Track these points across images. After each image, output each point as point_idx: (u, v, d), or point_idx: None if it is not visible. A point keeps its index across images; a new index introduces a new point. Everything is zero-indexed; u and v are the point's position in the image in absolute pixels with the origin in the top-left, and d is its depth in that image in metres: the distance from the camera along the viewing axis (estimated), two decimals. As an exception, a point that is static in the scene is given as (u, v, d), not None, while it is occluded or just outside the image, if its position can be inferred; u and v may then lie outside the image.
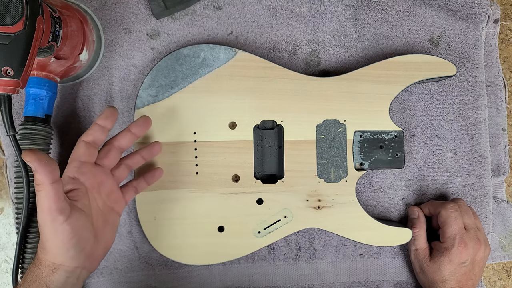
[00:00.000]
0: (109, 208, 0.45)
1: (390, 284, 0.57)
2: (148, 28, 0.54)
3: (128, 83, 0.54)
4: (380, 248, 0.57)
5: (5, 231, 0.57)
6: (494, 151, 0.60)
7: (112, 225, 0.46)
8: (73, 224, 0.39)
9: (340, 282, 0.56)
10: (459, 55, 0.58)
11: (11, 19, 0.36)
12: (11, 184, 0.54)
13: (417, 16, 0.57)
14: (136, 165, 0.48)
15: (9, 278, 0.56)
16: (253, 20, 0.55)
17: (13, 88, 0.38)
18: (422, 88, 0.57)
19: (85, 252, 0.41)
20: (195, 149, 0.51)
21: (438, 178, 0.57)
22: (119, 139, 0.46)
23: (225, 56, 0.51)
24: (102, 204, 0.44)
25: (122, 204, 0.47)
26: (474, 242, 0.50)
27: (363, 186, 0.57)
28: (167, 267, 0.54)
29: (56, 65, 0.47)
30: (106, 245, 0.45)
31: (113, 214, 0.46)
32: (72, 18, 0.47)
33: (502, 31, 0.62)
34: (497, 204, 0.60)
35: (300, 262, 0.56)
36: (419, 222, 0.54)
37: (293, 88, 0.52)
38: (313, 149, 0.52)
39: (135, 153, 0.48)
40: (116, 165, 0.47)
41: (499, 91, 0.60)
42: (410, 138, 0.57)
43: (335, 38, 0.56)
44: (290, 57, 0.56)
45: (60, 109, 0.53)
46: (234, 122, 0.52)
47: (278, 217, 0.52)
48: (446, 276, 0.50)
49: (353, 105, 0.52)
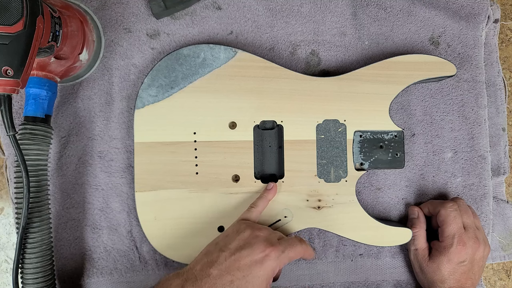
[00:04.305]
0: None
1: (390, 284, 0.57)
2: (148, 28, 0.54)
3: (128, 83, 0.54)
4: (380, 248, 0.57)
5: (5, 231, 0.57)
6: (494, 151, 0.60)
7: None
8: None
9: (340, 282, 0.56)
10: (459, 55, 0.58)
11: (11, 19, 0.36)
12: (11, 184, 0.54)
13: (417, 16, 0.57)
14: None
15: (9, 278, 0.57)
16: (253, 20, 0.55)
17: (13, 88, 0.38)
18: (422, 88, 0.57)
19: None
20: (195, 149, 0.51)
21: (438, 178, 0.57)
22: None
23: (225, 56, 0.51)
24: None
25: None
26: (473, 242, 0.50)
27: (363, 186, 0.57)
28: (167, 267, 0.54)
29: (56, 65, 0.47)
30: None
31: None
32: (72, 18, 0.47)
33: (502, 31, 0.62)
34: (497, 204, 0.60)
35: (300, 262, 0.56)
36: (419, 222, 0.54)
37: (293, 88, 0.52)
38: (313, 149, 0.52)
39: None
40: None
41: (499, 91, 0.60)
42: (410, 138, 0.57)
43: (335, 38, 0.56)
44: (290, 57, 0.56)
45: (60, 109, 0.53)
46: (234, 122, 0.52)
47: (278, 217, 0.52)
48: (446, 276, 0.50)
49: (353, 105, 0.52)
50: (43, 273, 0.47)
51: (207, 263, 0.43)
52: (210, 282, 0.41)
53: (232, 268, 0.42)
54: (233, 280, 0.41)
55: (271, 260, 0.42)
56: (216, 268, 0.42)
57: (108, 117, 0.54)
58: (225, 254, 0.43)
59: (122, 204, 0.54)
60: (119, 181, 0.54)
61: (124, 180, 0.54)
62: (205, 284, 0.41)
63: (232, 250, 0.43)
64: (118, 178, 0.54)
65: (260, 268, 0.42)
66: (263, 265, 0.42)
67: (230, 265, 0.42)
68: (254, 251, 0.42)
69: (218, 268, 0.42)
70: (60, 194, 0.53)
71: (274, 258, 0.43)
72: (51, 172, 0.53)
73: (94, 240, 0.54)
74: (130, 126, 0.54)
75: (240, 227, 0.46)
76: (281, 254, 0.43)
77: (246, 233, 0.45)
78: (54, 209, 0.53)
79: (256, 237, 0.44)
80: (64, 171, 0.53)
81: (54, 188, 0.53)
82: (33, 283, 0.46)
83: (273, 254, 0.43)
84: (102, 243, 0.54)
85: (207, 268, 0.42)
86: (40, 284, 0.46)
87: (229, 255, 0.43)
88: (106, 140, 0.54)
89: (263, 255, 0.42)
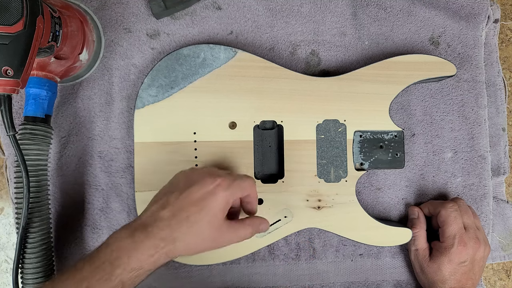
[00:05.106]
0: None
1: (390, 284, 0.57)
2: (148, 28, 0.54)
3: (128, 83, 0.54)
4: (380, 248, 0.57)
5: (5, 231, 0.57)
6: (494, 151, 0.60)
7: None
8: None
9: (340, 282, 0.56)
10: (459, 55, 0.58)
11: (11, 19, 0.36)
12: (11, 184, 0.54)
13: (417, 16, 0.57)
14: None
15: (9, 278, 0.57)
16: (253, 20, 0.55)
17: (13, 88, 0.38)
18: (422, 88, 0.57)
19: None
20: (195, 149, 0.51)
21: (438, 178, 0.57)
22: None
23: (225, 56, 0.51)
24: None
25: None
26: (473, 242, 0.50)
27: (363, 186, 0.57)
28: (167, 267, 0.54)
29: (56, 65, 0.47)
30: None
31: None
32: (72, 18, 0.47)
33: (502, 31, 0.62)
34: (497, 204, 0.60)
35: (300, 262, 0.56)
36: (419, 222, 0.54)
37: (293, 88, 0.52)
38: (313, 149, 0.52)
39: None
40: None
41: (499, 91, 0.60)
42: (410, 138, 0.57)
43: (335, 38, 0.56)
44: (290, 57, 0.56)
45: (60, 109, 0.53)
46: (234, 122, 0.52)
47: (278, 217, 0.52)
48: (446, 276, 0.50)
49: (353, 105, 0.52)
50: (43, 273, 0.47)
51: (157, 208, 0.40)
52: (163, 224, 0.39)
53: (185, 204, 0.40)
54: (189, 215, 0.39)
55: (222, 189, 0.41)
56: (168, 210, 0.40)
57: (108, 117, 0.54)
58: (175, 194, 0.41)
59: (122, 204, 0.54)
60: (119, 181, 0.54)
61: (124, 180, 0.54)
62: (157, 227, 0.39)
63: (181, 189, 0.41)
64: (118, 178, 0.54)
65: (213, 199, 0.40)
66: (216, 195, 0.40)
67: (183, 202, 0.40)
68: (204, 184, 0.41)
69: (170, 209, 0.40)
70: (60, 194, 0.53)
71: (226, 187, 0.41)
72: (51, 172, 0.53)
73: (94, 240, 0.54)
74: (130, 126, 0.54)
75: (185, 171, 0.45)
76: (231, 183, 0.42)
77: (192, 173, 0.44)
78: (54, 209, 0.53)
79: (202, 173, 0.43)
80: (64, 171, 0.53)
81: (54, 188, 0.53)
82: (33, 283, 0.46)
83: (224, 183, 0.41)
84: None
85: (157, 212, 0.40)
86: (40, 284, 0.46)
87: (179, 194, 0.41)
88: (106, 140, 0.54)
89: (214, 185, 0.41)
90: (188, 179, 0.43)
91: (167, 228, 0.39)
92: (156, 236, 0.38)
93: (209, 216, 0.40)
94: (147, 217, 0.40)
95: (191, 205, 0.40)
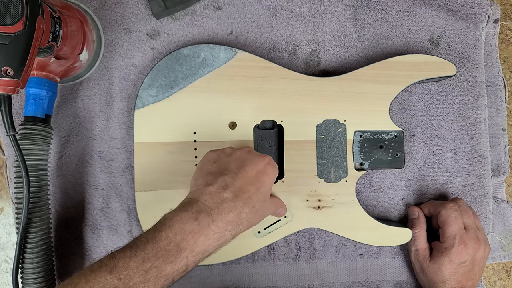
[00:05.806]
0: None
1: (390, 284, 0.57)
2: (148, 28, 0.54)
3: (128, 83, 0.54)
4: (380, 248, 0.57)
5: (5, 231, 0.57)
6: (494, 151, 0.60)
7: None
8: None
9: (340, 282, 0.56)
10: (459, 55, 0.58)
11: (11, 19, 0.36)
12: (11, 184, 0.54)
13: (417, 16, 0.57)
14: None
15: (9, 278, 0.56)
16: (253, 20, 0.55)
17: (13, 88, 0.38)
18: (422, 88, 0.57)
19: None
20: (195, 149, 0.51)
21: (438, 178, 0.57)
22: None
23: (225, 56, 0.51)
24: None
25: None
26: (474, 242, 0.50)
27: (363, 186, 0.57)
28: (167, 267, 0.54)
29: (56, 65, 0.47)
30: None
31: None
32: (72, 18, 0.47)
33: (502, 31, 0.62)
34: (497, 204, 0.60)
35: (300, 262, 0.56)
36: (419, 223, 0.54)
37: (293, 88, 0.52)
38: (313, 149, 0.52)
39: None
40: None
41: (499, 91, 0.60)
42: (410, 138, 0.57)
43: (335, 38, 0.56)
44: (290, 57, 0.56)
45: (60, 109, 0.53)
46: (234, 122, 0.52)
47: (278, 217, 0.52)
48: (447, 276, 0.50)
49: (353, 105, 0.52)
50: (43, 273, 0.47)
51: (217, 190, 0.40)
52: (229, 206, 0.39)
53: (244, 185, 0.41)
54: (250, 196, 0.40)
55: (272, 167, 0.44)
56: (229, 191, 0.40)
57: (108, 117, 0.54)
58: (230, 175, 0.41)
59: (122, 204, 0.54)
60: (119, 181, 0.54)
61: (124, 180, 0.54)
62: (223, 210, 0.38)
63: (235, 171, 0.41)
64: (118, 178, 0.54)
65: (267, 177, 0.42)
66: (267, 172, 0.43)
67: (241, 183, 0.41)
68: (256, 164, 0.42)
69: (231, 190, 0.40)
70: (60, 194, 0.53)
71: (274, 165, 0.44)
72: (51, 172, 0.53)
73: (94, 240, 0.54)
74: (130, 126, 0.54)
75: (225, 151, 0.45)
76: (272, 161, 0.44)
77: (237, 153, 0.44)
78: (54, 209, 0.53)
79: (248, 152, 0.44)
80: (64, 171, 0.53)
81: (54, 188, 0.53)
82: (33, 283, 0.46)
83: (271, 161, 0.44)
84: (102, 243, 0.54)
85: (219, 194, 0.39)
86: (40, 284, 0.46)
87: (234, 175, 0.41)
88: (106, 140, 0.54)
89: (264, 163, 0.43)
90: (237, 159, 0.43)
91: (234, 210, 0.39)
92: (224, 219, 0.39)
93: (265, 195, 0.42)
94: (209, 200, 0.39)
95: (250, 185, 0.41)
